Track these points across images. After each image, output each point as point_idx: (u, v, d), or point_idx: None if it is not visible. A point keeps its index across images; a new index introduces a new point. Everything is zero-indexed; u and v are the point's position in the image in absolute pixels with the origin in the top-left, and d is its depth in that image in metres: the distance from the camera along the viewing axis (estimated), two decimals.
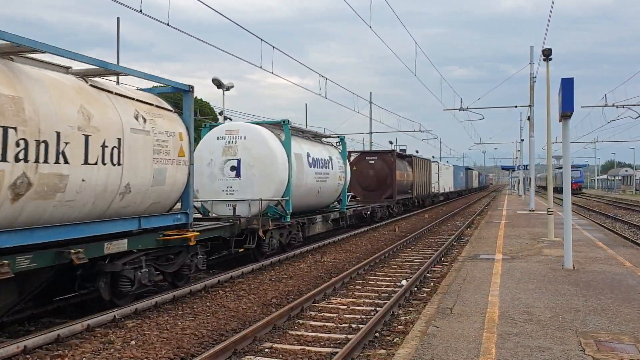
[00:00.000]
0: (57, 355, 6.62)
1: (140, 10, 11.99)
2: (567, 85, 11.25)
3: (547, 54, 16.33)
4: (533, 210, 31.70)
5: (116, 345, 7.67)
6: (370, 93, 50.31)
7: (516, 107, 35.89)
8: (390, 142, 74.57)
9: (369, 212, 25.09)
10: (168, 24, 12.98)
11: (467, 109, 36.67)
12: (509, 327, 7.30)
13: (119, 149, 8.91)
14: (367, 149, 51.42)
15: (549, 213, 17.36)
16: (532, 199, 33.87)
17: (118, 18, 38.33)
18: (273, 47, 18.27)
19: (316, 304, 10.20)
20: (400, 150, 44.86)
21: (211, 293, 11.06)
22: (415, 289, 11.54)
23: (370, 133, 52.88)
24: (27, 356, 7.15)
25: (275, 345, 7.75)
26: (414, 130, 56.21)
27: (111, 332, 8.25)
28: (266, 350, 7.57)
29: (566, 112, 11.46)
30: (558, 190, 61.91)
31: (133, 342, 7.81)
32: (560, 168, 57.73)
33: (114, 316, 8.86)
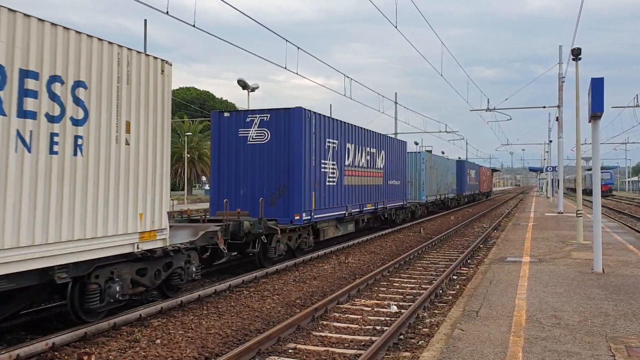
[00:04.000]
0: (84, 353, 6.71)
1: (167, 12, 12.11)
2: (597, 86, 11.03)
3: (576, 54, 16.05)
4: (561, 213, 31.18)
5: (142, 343, 7.74)
6: (396, 94, 50.02)
7: (544, 107, 35.37)
8: (416, 143, 74.11)
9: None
10: (194, 26, 13.08)
11: (494, 109, 36.25)
12: (537, 331, 7.17)
13: None
14: None
15: (578, 215, 17.05)
16: (560, 201, 33.29)
17: (145, 20, 38.75)
18: (298, 47, 18.29)
19: (340, 305, 10.17)
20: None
21: (235, 293, 11.11)
22: (441, 291, 11.43)
23: (395, 134, 52.60)
24: (55, 353, 7.27)
25: (299, 346, 7.74)
26: (440, 131, 55.79)
27: (137, 331, 8.34)
28: (290, 350, 7.57)
29: (596, 112, 11.24)
30: (587, 192, 60.86)
31: (158, 341, 7.87)
32: (590, 170, 56.69)
33: (140, 315, 8.95)
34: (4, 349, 7.00)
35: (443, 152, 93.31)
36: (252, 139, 15.22)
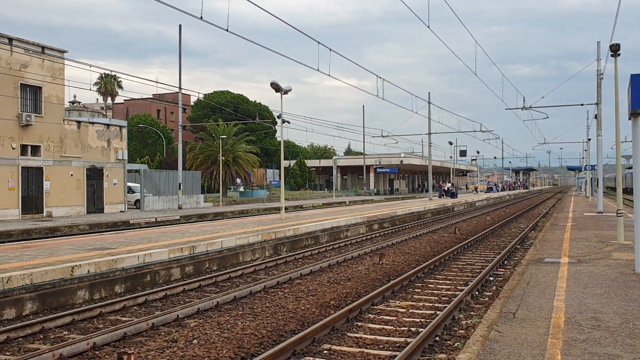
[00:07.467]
0: (124, 352, 6.86)
1: (201, 17, 12.29)
2: (637, 82, 10.78)
3: (615, 50, 15.67)
4: (601, 212, 30.45)
5: (179, 343, 7.88)
6: (429, 93, 49.71)
7: (582, 105, 34.65)
8: (450, 143, 73.42)
9: None
10: (227, 30, 13.24)
11: (530, 108, 35.64)
12: (576, 333, 7.04)
13: None
14: (425, 150, 50.87)
15: (619, 215, 16.65)
16: (600, 200, 32.51)
17: (180, 25, 39.38)
18: (330, 49, 18.35)
19: (375, 307, 10.15)
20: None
21: (270, 294, 11.20)
22: (477, 292, 11.30)
23: (429, 134, 52.23)
24: (96, 352, 7.46)
25: (333, 347, 7.76)
26: (475, 131, 55.08)
27: (174, 331, 8.49)
28: (325, 352, 7.59)
29: (636, 109, 10.98)
30: (628, 191, 59.25)
31: (195, 341, 8.00)
32: (630, 168, 55.22)
33: (177, 315, 9.12)
34: (48, 348, 7.23)
35: (478, 152, 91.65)
36: None
